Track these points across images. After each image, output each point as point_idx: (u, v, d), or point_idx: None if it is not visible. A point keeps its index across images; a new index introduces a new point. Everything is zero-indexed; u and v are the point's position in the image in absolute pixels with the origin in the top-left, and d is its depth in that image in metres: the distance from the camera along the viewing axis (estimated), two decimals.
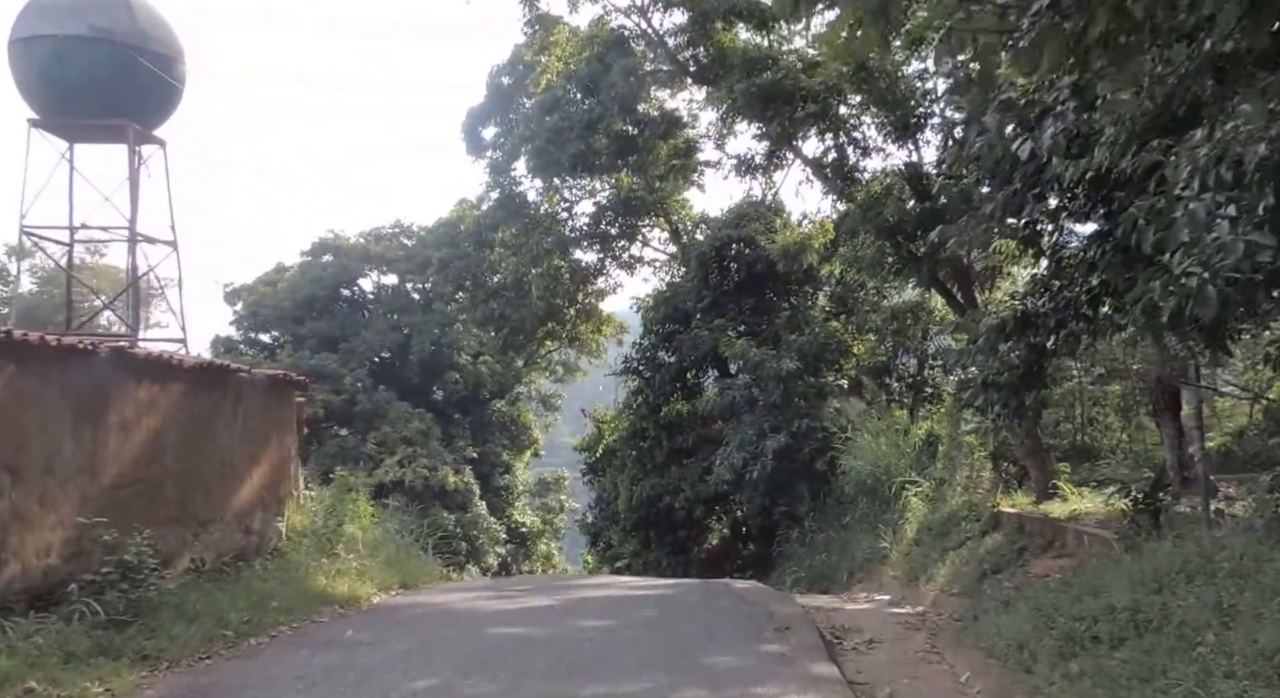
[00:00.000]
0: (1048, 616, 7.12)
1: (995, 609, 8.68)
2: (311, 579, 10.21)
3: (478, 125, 26.91)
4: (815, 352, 21.89)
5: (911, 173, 17.29)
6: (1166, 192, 6.45)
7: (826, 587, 17.62)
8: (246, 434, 10.20)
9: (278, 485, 11.20)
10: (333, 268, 40.24)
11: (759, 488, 20.91)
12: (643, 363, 26.31)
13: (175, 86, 26.81)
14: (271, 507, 10.87)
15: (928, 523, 14.89)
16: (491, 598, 11.12)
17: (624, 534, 27.55)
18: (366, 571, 11.44)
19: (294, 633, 8.21)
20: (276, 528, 11.00)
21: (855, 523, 18.16)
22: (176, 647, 7.16)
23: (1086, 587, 7.46)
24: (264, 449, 10.69)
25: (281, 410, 11.44)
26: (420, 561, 13.91)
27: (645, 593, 11.60)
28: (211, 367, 9.49)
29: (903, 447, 18.04)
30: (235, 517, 9.87)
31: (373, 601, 10.50)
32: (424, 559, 14.42)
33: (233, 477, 9.88)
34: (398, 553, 13.27)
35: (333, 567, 11.00)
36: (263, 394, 10.69)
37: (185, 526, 9.03)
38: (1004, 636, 7.31)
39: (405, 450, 35.84)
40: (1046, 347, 11.00)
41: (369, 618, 9.20)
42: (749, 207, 25.93)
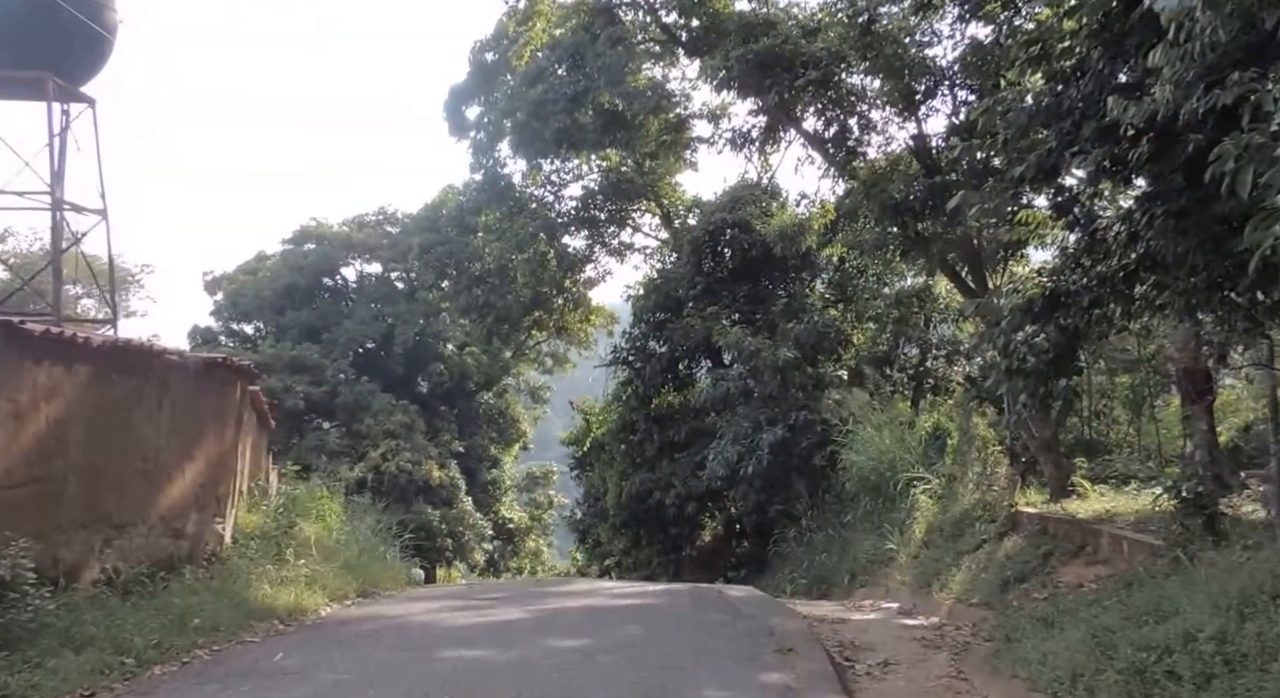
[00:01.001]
0: (1104, 641, 5.93)
1: (1033, 628, 7.49)
2: (251, 590, 9.03)
3: (460, 104, 25.64)
4: (813, 341, 20.78)
5: (919, 146, 16.13)
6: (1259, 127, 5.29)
7: (826, 590, 16.50)
8: (176, 426, 8.99)
9: (216, 483, 10.00)
10: (314, 256, 38.95)
11: (754, 484, 19.83)
12: (632, 353, 25.17)
13: (104, 36, 23.36)
14: (208, 507, 9.67)
15: (938, 523, 13.73)
16: (457, 609, 9.94)
17: (613, 532, 26.50)
18: (319, 577, 10.25)
19: (211, 658, 7.01)
20: (215, 531, 9.80)
21: (857, 522, 17.01)
22: (53, 683, 5.87)
23: (1148, 606, 6.29)
24: (198, 443, 9.49)
25: (221, 399, 10.22)
26: (386, 564, 12.71)
27: (629, 603, 10.43)
28: (129, 348, 8.27)
29: (908, 441, 16.90)
30: (161, 520, 8.67)
31: (321, 613, 9.31)
32: (391, 562, 13.20)
33: (158, 474, 8.68)
34: (359, 556, 12.08)
35: (280, 574, 9.80)
36: (197, 381, 9.48)
37: (94, 531, 7.81)
38: (1051, 665, 6.13)
39: (388, 444, 34.59)
40: (1078, 328, 9.86)
41: (308, 636, 8.01)
42: (744, 189, 24.77)
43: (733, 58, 15.70)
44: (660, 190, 26.55)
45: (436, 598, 10.88)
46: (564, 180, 26.90)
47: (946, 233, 15.88)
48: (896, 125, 16.65)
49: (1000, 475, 13.42)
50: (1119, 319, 10.02)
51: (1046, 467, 13.47)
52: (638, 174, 24.70)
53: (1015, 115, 9.09)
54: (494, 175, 24.81)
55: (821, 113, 16.66)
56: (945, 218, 15.74)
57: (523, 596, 11.07)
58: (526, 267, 25.38)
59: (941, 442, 16.45)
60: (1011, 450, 13.36)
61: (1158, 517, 10.15)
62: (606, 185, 25.56)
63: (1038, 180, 8.94)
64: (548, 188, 26.00)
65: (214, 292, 39.08)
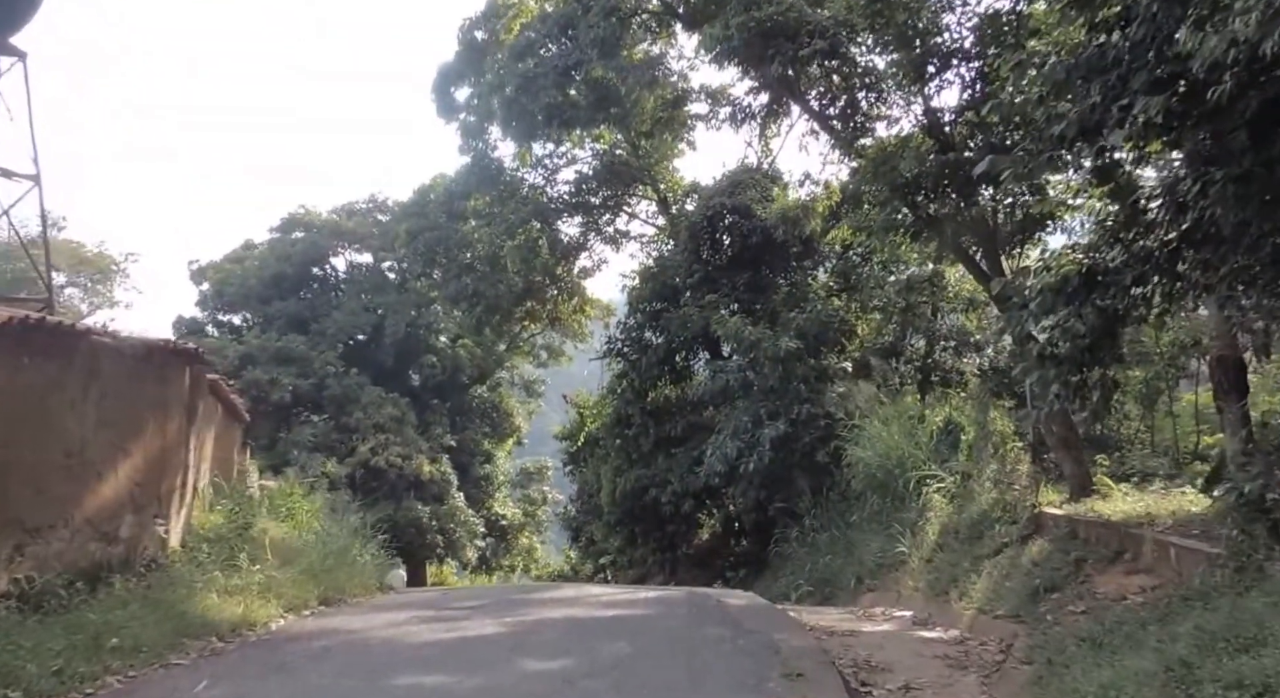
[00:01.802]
0: (1182, 676, 4.93)
1: (1079, 650, 6.50)
2: (194, 601, 8.03)
3: (449, 85, 24.63)
4: (816, 331, 19.84)
5: (930, 121, 15.12)
6: None
7: (830, 593, 15.57)
8: (108, 416, 7.99)
9: (158, 480, 8.99)
10: (303, 245, 37.88)
11: (754, 481, 18.91)
12: (628, 344, 24.17)
13: None
14: (147, 507, 8.66)
15: (953, 524, 12.75)
16: (426, 620, 8.94)
17: (608, 530, 25.63)
18: (275, 585, 9.25)
19: (123, 687, 5.98)
20: (156, 534, 8.80)
21: (863, 522, 16.06)
22: None
23: (1224, 629, 5.28)
24: (135, 435, 8.49)
25: (163, 387, 9.21)
26: (357, 567, 11.70)
27: (618, 614, 9.44)
28: (45, 327, 7.24)
29: (918, 436, 15.93)
30: (88, 522, 7.67)
31: (272, 627, 8.31)
32: (364, 565, 12.19)
33: (84, 471, 7.68)
34: (327, 559, 11.07)
35: (231, 582, 8.81)
36: (135, 366, 8.48)
37: (1, 535, 6.82)
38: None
39: (377, 437, 33.57)
40: (1118, 311, 8.87)
41: (247, 657, 7.01)
42: (744, 174, 23.80)
43: (733, 26, 14.66)
44: (657, 174, 25.51)
45: (406, 607, 9.88)
46: (557, 165, 25.90)
47: (960, 213, 14.91)
48: (907, 100, 15.63)
49: (1021, 474, 12.43)
50: (1159, 301, 9.06)
51: (1066, 464, 12.51)
52: (633, 156, 23.65)
53: (1052, 69, 8.08)
54: (483, 158, 23.78)
55: (828, 86, 15.65)
56: (959, 197, 14.82)
57: (501, 604, 10.07)
58: (517, 253, 24.33)
59: (954, 437, 15.48)
60: (1034, 447, 12.36)
61: (1201, 519, 9.25)
62: (601, 169, 24.53)
63: (1078, 140, 7.93)
64: (540, 171, 24.96)
65: (200, 281, 38.04)
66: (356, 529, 14.48)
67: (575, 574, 32.23)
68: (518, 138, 21.92)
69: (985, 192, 14.65)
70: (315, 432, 33.80)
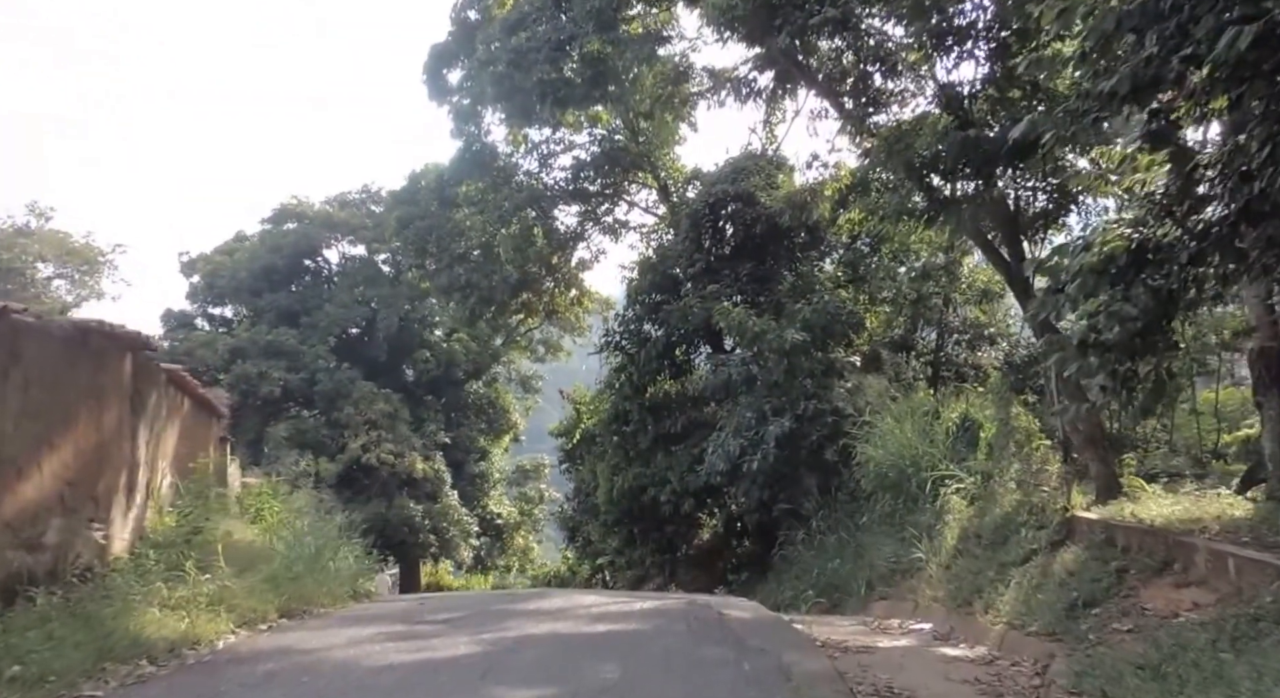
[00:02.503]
0: None
1: (1137, 680, 5.56)
2: (130, 616, 7.10)
3: (441, 67, 23.63)
4: (823, 323, 18.89)
5: (948, 96, 14.15)
6: None
7: (839, 600, 14.64)
8: (31, 407, 7.03)
9: (95, 480, 8.05)
10: (294, 236, 36.97)
11: (757, 480, 17.99)
12: (626, 337, 23.24)
13: None
14: (81, 510, 7.72)
15: (974, 528, 11.80)
16: (394, 636, 8.00)
17: (605, 530, 24.69)
18: (229, 596, 8.31)
19: None
20: (93, 540, 7.86)
21: (874, 524, 15.13)
22: None
23: None
24: (66, 429, 7.54)
25: (101, 375, 8.26)
26: (328, 573, 10.76)
27: (609, 629, 8.50)
28: None
29: (933, 433, 14.99)
30: (7, 526, 6.72)
31: (217, 645, 7.36)
32: (337, 570, 11.25)
33: (2, 468, 6.72)
34: (293, 565, 10.14)
35: (178, 594, 7.87)
36: (65, 351, 7.54)
37: None
38: None
39: (369, 434, 32.68)
40: (1173, 291, 7.94)
41: (172, 687, 6.06)
42: (748, 160, 22.87)
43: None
44: (657, 161, 24.54)
45: (375, 620, 8.94)
46: (553, 151, 24.91)
47: (979, 195, 13.97)
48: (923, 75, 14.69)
49: (1049, 474, 11.49)
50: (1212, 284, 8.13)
51: (1092, 463, 11.59)
52: (632, 141, 22.67)
53: (1100, 18, 7.13)
54: (476, 142, 22.79)
55: (838, 60, 14.68)
56: (978, 177, 13.87)
57: (480, 616, 9.13)
58: (511, 242, 23.36)
59: (972, 434, 14.55)
60: (1065, 445, 11.41)
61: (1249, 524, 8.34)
62: (599, 155, 23.54)
63: (1129, 99, 6.99)
64: (535, 157, 23.99)
65: (190, 274, 37.13)
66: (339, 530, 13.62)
67: (573, 575, 31.36)
68: (510, 117, 20.94)
69: (1006, 172, 13.75)
70: (305, 428, 32.94)
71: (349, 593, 10.80)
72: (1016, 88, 13.82)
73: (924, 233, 21.09)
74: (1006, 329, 19.85)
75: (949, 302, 20.43)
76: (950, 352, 19.87)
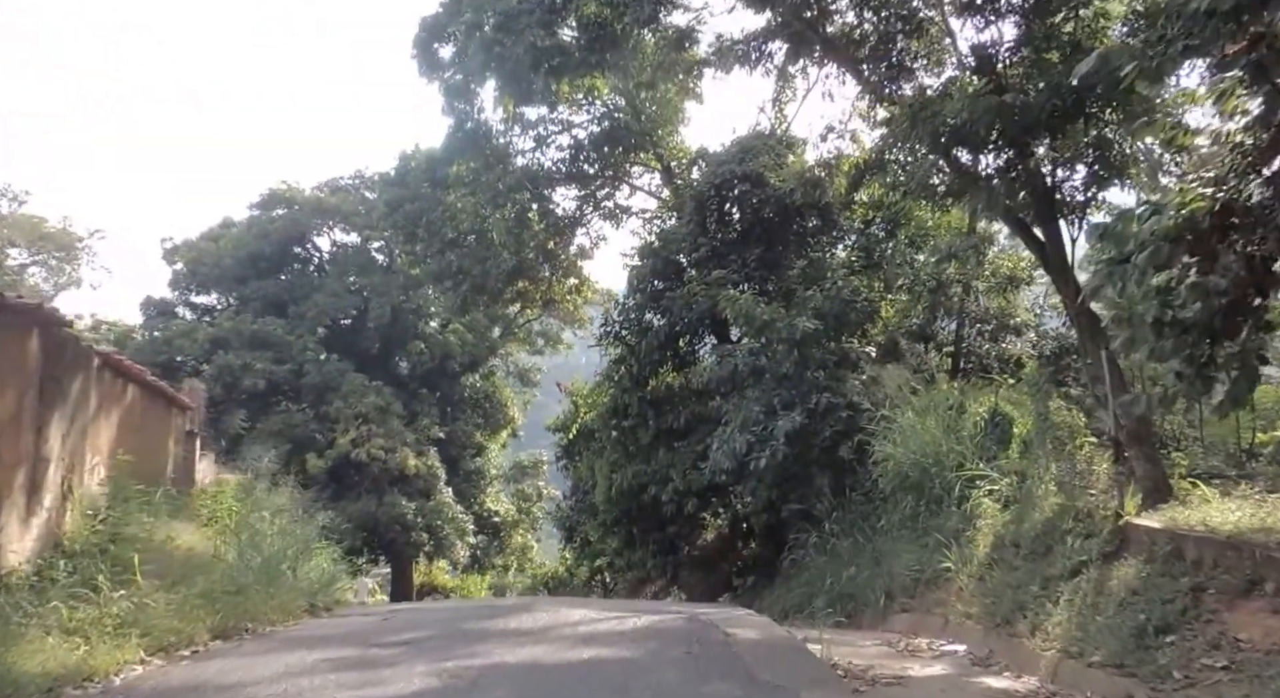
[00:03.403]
0: None
1: None
2: (11, 645, 5.85)
3: (433, 40, 22.30)
4: (837, 311, 17.61)
5: (980, 58, 12.87)
6: None
7: (854, 610, 13.39)
8: None
9: None
10: (283, 222, 35.65)
11: (765, 479, 16.72)
12: (626, 326, 21.93)
13: None
14: None
15: (1011, 535, 10.53)
16: (340, 665, 6.74)
17: (604, 530, 23.44)
18: (149, 615, 7.06)
19: None
20: None
21: (894, 528, 13.86)
22: None
23: None
24: None
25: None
26: (282, 584, 9.51)
27: (596, 655, 7.23)
28: None
29: (959, 429, 13.71)
30: None
31: (113, 680, 6.05)
32: (297, 580, 10.01)
33: None
34: (237, 577, 8.89)
35: (77, 615, 6.62)
36: None
37: None
38: None
39: (359, 429, 31.42)
40: (1267, 261, 6.66)
41: None
42: (756, 139, 21.61)
43: None
44: (660, 141, 23.22)
45: (325, 642, 7.67)
46: (551, 132, 23.59)
47: (1012, 168, 12.67)
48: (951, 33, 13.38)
49: (1098, 474, 10.21)
50: None
51: (1137, 462, 10.32)
52: (634, 119, 21.33)
53: None
54: (467, 119, 21.46)
55: (858, 21, 13.38)
56: (1012, 148, 12.58)
57: (450, 638, 7.86)
58: (504, 226, 22.05)
59: (1002, 431, 13.28)
60: (1116, 442, 10.11)
61: None
62: (599, 134, 22.22)
63: (1232, 15, 5.69)
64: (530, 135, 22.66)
65: (173, 261, 35.84)
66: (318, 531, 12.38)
67: (571, 576, 30.13)
68: (502, 87, 19.59)
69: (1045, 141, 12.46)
70: (293, 422, 31.72)
71: (305, 606, 9.53)
72: (1055, 49, 12.57)
73: (944, 218, 19.99)
74: (1033, 318, 18.54)
75: (970, 289, 19.13)
76: (973, 343, 18.55)
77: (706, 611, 11.31)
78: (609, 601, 17.92)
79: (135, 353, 32.95)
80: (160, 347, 31.91)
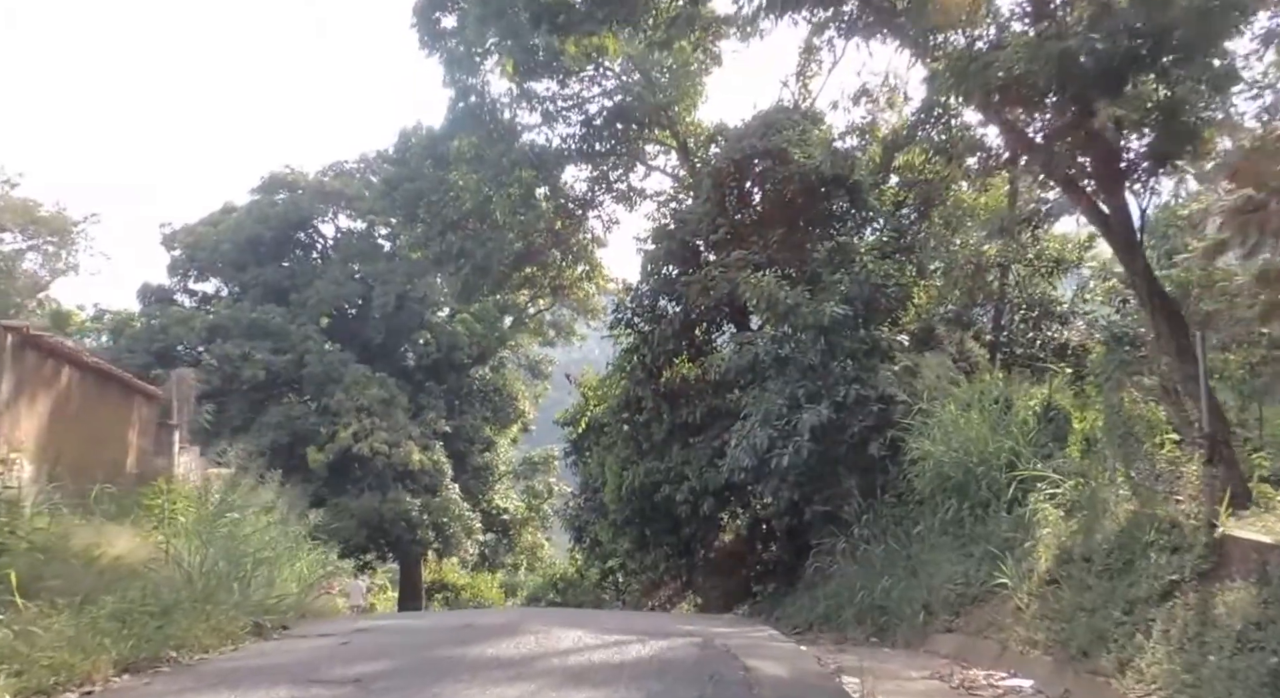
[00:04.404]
0: None
1: None
2: None
3: (433, 9, 20.91)
4: (867, 296, 16.17)
5: (1037, 3, 11.36)
6: None
7: (887, 626, 11.94)
8: None
9: None
10: (284, 207, 34.35)
11: (788, 478, 15.31)
12: (639, 313, 20.50)
13: None
14: None
15: (1079, 548, 9.01)
16: None
17: (614, 531, 22.04)
18: (27, 646, 5.68)
19: None
20: None
21: (933, 535, 12.38)
22: None
23: None
24: None
25: None
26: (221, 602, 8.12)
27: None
28: None
29: (1008, 424, 12.22)
30: None
31: None
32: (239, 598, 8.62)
33: None
34: (159, 595, 7.49)
35: None
36: None
37: None
38: None
39: (361, 421, 30.11)
40: None
41: None
42: (779, 113, 20.16)
43: None
44: (676, 117, 21.72)
45: (255, 679, 6.26)
46: (560, 108, 22.13)
47: (1073, 129, 11.16)
48: None
49: (1187, 478, 8.70)
50: None
51: None
52: (648, 90, 19.86)
53: None
54: (471, 93, 20.04)
55: None
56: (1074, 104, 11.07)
57: (409, 674, 6.45)
58: (508, 205, 20.62)
59: (1059, 426, 11.77)
60: (1211, 440, 8.59)
61: None
62: (611, 108, 20.75)
63: None
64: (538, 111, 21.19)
65: (172, 247, 34.63)
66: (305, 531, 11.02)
67: (581, 578, 28.83)
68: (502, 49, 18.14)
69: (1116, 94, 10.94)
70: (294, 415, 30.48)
71: (249, 627, 8.12)
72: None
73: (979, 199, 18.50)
74: (1082, 303, 16.97)
75: (1009, 272, 17.60)
76: (1015, 330, 17.02)
77: (722, 631, 9.89)
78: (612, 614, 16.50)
79: (132, 341, 31.86)
80: (156, 335, 30.71)
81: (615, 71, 20.78)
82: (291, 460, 30.15)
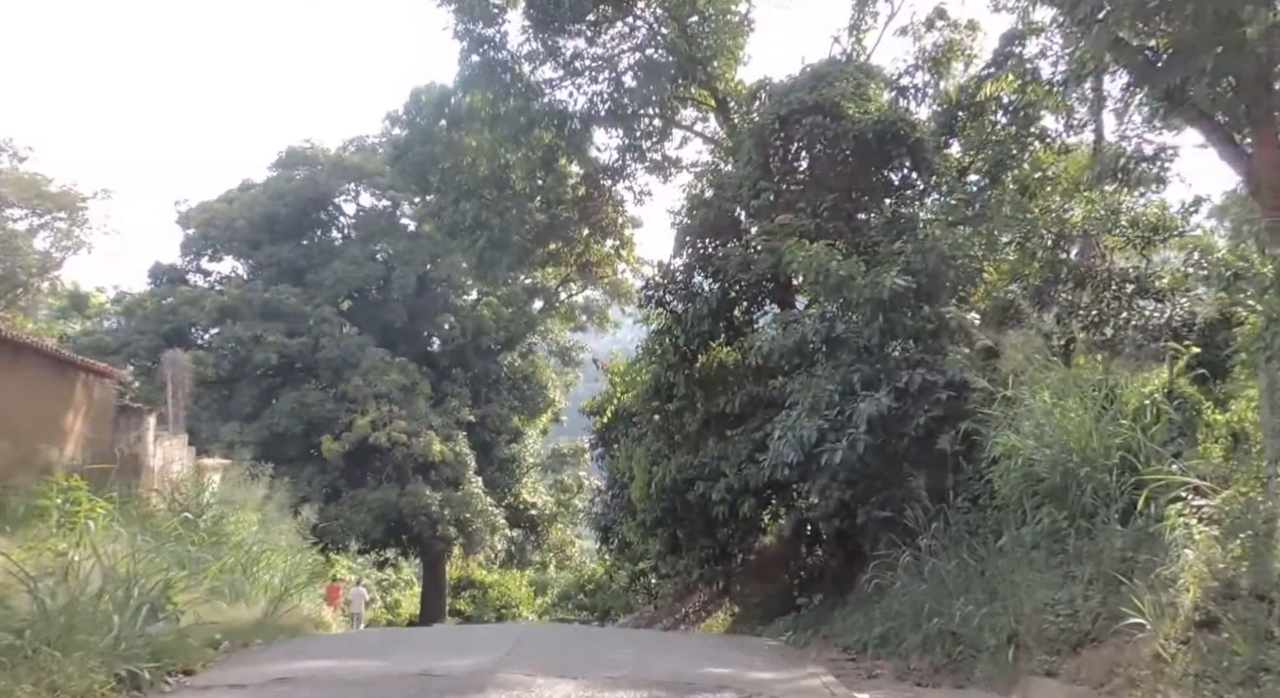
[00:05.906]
0: None
1: None
2: None
3: None
4: (932, 268, 13.94)
5: None
6: None
7: (963, 657, 9.78)
8: None
9: None
10: (301, 183, 32.61)
11: (839, 476, 13.15)
12: (671, 291, 18.40)
13: None
14: None
15: (1248, 581, 6.74)
16: None
17: (643, 532, 20.07)
18: None
19: None
20: None
21: (1022, 550, 10.09)
22: None
23: None
24: None
25: None
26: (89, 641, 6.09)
27: None
28: None
29: (1118, 416, 9.91)
30: None
31: None
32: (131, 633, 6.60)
33: None
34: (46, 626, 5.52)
35: None
36: None
37: None
38: None
39: (379, 409, 28.30)
40: None
41: None
42: (830, 66, 18.02)
43: None
44: (715, 75, 19.51)
45: None
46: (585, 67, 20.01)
47: (1213, 43, 8.85)
48: None
49: None
50: None
51: None
52: (682, 40, 17.67)
53: None
54: (482, 41, 17.95)
55: None
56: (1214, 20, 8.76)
57: None
58: (526, 168, 18.56)
59: (1189, 421, 9.48)
60: None
61: None
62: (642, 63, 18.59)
63: None
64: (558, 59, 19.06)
65: (187, 225, 33.07)
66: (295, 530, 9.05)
67: (610, 580, 26.93)
68: None
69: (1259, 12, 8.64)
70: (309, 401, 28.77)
71: (111, 683, 5.95)
72: None
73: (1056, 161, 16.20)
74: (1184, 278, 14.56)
75: (1096, 242, 15.26)
76: (1106, 308, 14.64)
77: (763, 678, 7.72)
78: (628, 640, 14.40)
79: (142, 322, 30.38)
80: (166, 315, 29.14)
81: (648, 19, 18.59)
82: (306, 450, 28.47)
